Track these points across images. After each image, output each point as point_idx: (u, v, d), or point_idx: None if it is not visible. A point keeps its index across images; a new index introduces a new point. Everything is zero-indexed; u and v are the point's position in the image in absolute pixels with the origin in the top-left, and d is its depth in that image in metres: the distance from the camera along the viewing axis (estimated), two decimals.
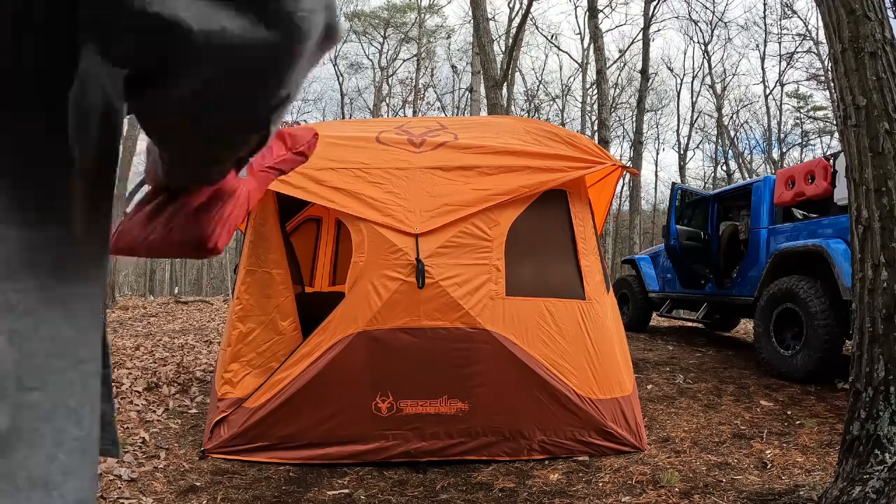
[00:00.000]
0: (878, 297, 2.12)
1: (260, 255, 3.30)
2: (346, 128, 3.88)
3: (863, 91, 2.17)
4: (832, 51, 2.30)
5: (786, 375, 4.66)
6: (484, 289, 3.02)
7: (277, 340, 3.23)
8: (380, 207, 3.07)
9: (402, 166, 3.19)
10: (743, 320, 7.81)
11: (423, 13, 26.03)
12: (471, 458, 3.02)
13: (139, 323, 9.32)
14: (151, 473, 2.87)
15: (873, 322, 2.13)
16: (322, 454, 3.00)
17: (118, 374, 4.74)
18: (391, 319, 2.97)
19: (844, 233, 4.32)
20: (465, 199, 3.10)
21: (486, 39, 8.64)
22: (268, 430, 3.02)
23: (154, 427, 3.55)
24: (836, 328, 4.35)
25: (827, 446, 3.22)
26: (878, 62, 2.17)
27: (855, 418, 2.16)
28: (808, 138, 26.00)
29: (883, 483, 1.95)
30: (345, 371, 2.96)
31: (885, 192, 2.12)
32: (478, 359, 2.98)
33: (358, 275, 3.01)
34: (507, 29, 21.62)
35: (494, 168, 3.18)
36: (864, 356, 2.16)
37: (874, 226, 2.14)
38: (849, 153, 2.26)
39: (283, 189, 3.15)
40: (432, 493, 2.71)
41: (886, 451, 2.04)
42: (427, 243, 3.01)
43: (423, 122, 3.85)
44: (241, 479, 2.83)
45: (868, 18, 2.19)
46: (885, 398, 2.08)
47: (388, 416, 2.98)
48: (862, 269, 2.19)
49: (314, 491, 2.74)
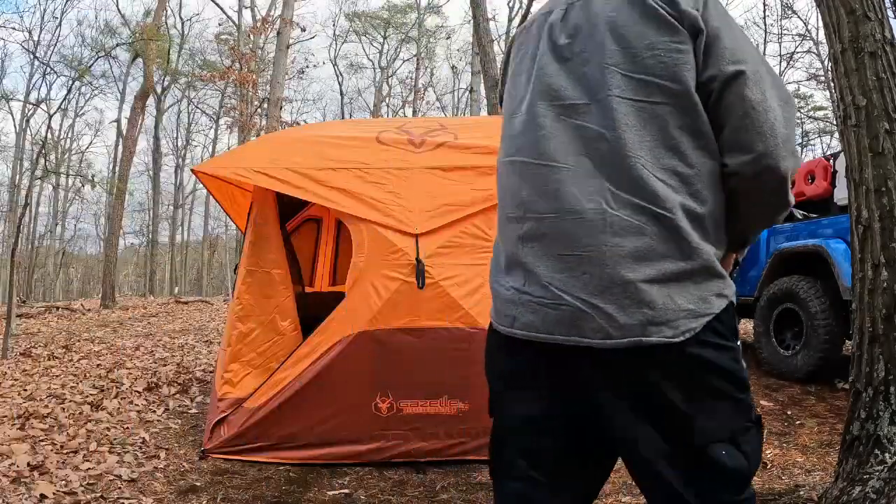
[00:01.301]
0: (878, 297, 2.12)
1: (260, 255, 3.30)
2: (345, 128, 3.88)
3: (863, 91, 2.17)
4: (832, 51, 2.30)
5: (786, 375, 4.65)
6: (484, 289, 3.02)
7: (277, 340, 3.23)
8: (380, 207, 3.07)
9: (403, 166, 3.19)
10: (743, 320, 7.80)
11: (423, 13, 26.03)
12: (471, 458, 3.02)
13: (139, 323, 9.32)
14: (151, 473, 2.87)
15: (873, 322, 2.13)
16: (322, 454, 3.00)
17: (118, 375, 4.74)
18: (391, 320, 2.96)
19: (844, 233, 4.32)
20: (466, 200, 3.09)
21: (486, 39, 8.65)
22: (268, 430, 3.02)
23: (154, 427, 3.55)
24: (836, 328, 4.35)
25: (827, 446, 3.22)
26: (878, 62, 2.16)
27: (855, 418, 2.16)
28: (808, 138, 26.01)
29: (883, 483, 1.95)
30: (345, 371, 2.96)
31: (885, 192, 2.11)
32: (478, 359, 2.95)
33: (358, 275, 3.01)
34: (507, 29, 21.62)
35: (494, 168, 3.17)
36: (864, 356, 2.16)
37: (874, 226, 2.13)
38: (849, 153, 2.26)
39: (283, 189, 3.15)
40: (432, 493, 2.71)
41: (886, 451, 2.04)
42: (427, 243, 3.01)
43: (424, 122, 3.86)
44: (241, 479, 2.83)
45: (868, 18, 2.19)
46: (885, 398, 2.08)
47: (387, 416, 2.98)
48: (862, 269, 2.18)
49: (314, 491, 2.74)
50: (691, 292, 1.03)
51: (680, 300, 1.02)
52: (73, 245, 31.69)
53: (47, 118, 19.18)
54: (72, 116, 25.78)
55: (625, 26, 1.09)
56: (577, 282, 1.05)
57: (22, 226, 15.53)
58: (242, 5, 19.69)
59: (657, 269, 1.02)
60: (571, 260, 1.06)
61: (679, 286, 1.02)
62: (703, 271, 1.04)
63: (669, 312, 1.01)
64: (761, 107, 1.04)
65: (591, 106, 1.10)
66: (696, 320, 1.02)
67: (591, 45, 1.12)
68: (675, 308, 1.01)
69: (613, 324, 1.01)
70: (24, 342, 6.84)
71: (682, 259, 1.03)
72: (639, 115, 1.06)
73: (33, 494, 2.45)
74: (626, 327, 1.01)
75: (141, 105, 14.84)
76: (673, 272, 1.02)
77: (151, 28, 14.85)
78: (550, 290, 1.07)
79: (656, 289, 1.01)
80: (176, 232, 29.34)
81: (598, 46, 1.11)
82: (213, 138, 27.84)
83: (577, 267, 1.05)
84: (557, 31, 1.18)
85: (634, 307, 1.01)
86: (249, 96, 15.94)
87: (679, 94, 1.05)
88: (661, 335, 1.00)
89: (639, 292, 1.01)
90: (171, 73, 22.04)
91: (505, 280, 1.19)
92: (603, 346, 1.02)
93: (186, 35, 24.71)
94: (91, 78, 19.25)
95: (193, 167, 3.56)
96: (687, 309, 1.02)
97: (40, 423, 3.36)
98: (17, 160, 21.85)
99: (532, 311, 1.10)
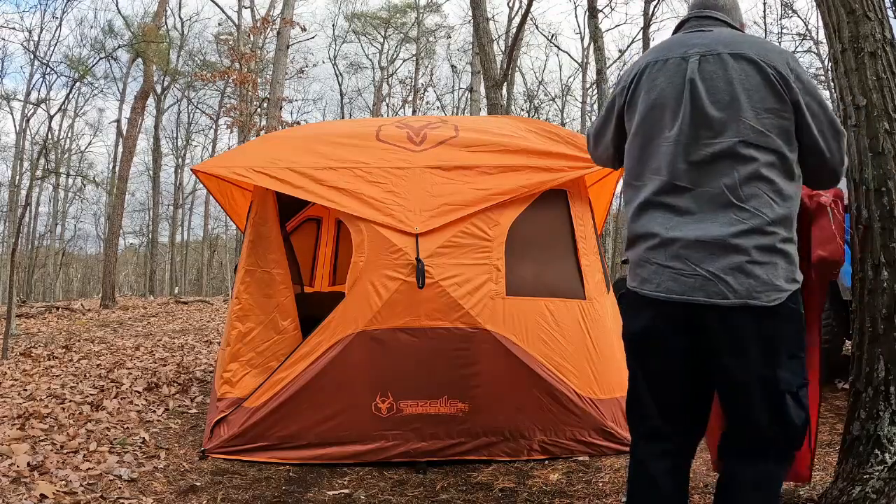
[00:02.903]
0: (878, 297, 2.11)
1: (260, 254, 3.30)
2: (345, 127, 3.88)
3: (863, 91, 2.17)
4: (832, 51, 2.30)
5: None
6: (484, 289, 3.02)
7: (277, 340, 3.23)
8: (380, 207, 3.07)
9: (403, 165, 3.19)
10: None
11: (422, 13, 26.02)
12: (471, 458, 3.02)
13: (139, 323, 9.33)
14: (151, 473, 2.87)
15: (873, 322, 2.13)
16: (322, 454, 3.00)
17: (118, 375, 4.74)
18: (391, 319, 2.96)
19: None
20: (466, 199, 3.09)
21: (486, 39, 8.64)
22: (268, 430, 3.01)
23: (154, 427, 3.55)
24: (836, 328, 4.35)
25: (827, 446, 3.22)
26: (878, 62, 2.16)
27: (855, 418, 2.16)
28: None
29: (883, 483, 1.95)
30: (344, 371, 2.96)
31: (885, 192, 2.11)
32: (478, 359, 2.98)
33: (358, 275, 3.01)
34: (506, 29, 21.59)
35: (494, 167, 3.18)
36: (864, 356, 2.16)
37: (874, 226, 2.13)
38: (849, 153, 2.26)
39: (282, 189, 3.15)
40: (432, 494, 2.71)
41: (886, 451, 2.04)
42: (427, 243, 3.01)
43: (423, 118, 3.86)
44: (241, 479, 2.83)
45: (868, 18, 2.18)
46: (885, 398, 2.08)
47: (387, 416, 2.98)
48: (862, 269, 2.18)
49: (314, 491, 2.74)
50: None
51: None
52: (73, 245, 31.66)
53: (47, 118, 19.18)
54: (72, 116, 25.77)
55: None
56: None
57: (22, 226, 15.52)
58: (242, 5, 19.64)
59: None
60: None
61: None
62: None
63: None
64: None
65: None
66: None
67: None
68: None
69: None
70: (24, 342, 6.84)
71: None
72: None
73: (33, 494, 2.45)
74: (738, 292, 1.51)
75: (141, 105, 14.84)
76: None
77: (152, 29, 14.84)
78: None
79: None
80: (176, 232, 29.31)
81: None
82: (213, 138, 27.80)
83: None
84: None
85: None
86: (249, 96, 15.92)
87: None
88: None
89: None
90: (171, 73, 22.02)
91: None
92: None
93: (186, 35, 24.69)
94: (92, 78, 19.22)
95: (193, 167, 3.56)
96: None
97: (40, 423, 3.36)
98: (17, 160, 21.82)
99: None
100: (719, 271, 1.49)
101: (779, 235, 1.52)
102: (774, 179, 1.53)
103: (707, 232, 1.52)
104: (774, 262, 1.50)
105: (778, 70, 1.55)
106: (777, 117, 1.54)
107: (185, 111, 28.33)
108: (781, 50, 1.66)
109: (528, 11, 9.44)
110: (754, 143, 1.53)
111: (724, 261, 1.50)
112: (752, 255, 1.49)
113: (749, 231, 1.50)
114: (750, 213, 1.51)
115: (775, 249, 1.51)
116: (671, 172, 1.60)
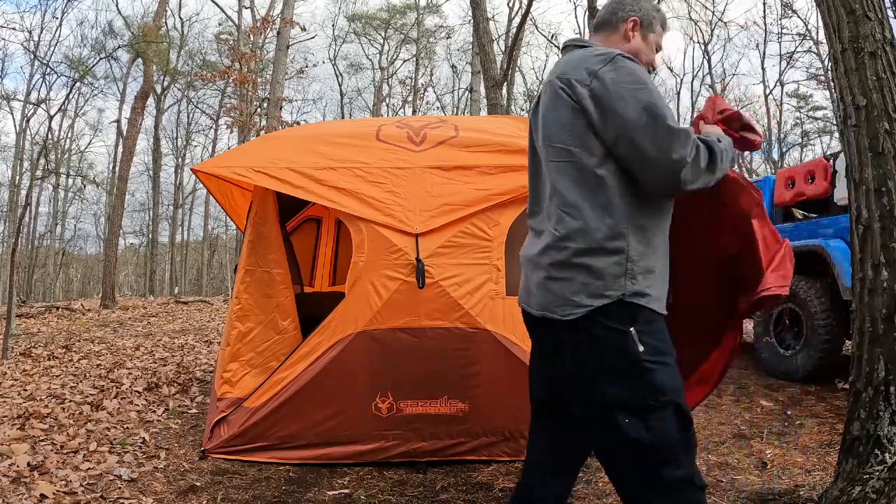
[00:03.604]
0: (878, 297, 2.12)
1: (259, 254, 3.30)
2: (345, 127, 3.87)
3: (863, 91, 2.17)
4: (832, 51, 2.30)
5: (786, 375, 4.65)
6: (484, 288, 3.02)
7: (277, 340, 3.23)
8: (380, 207, 3.07)
9: (403, 165, 3.18)
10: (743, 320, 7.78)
11: (422, 13, 26.01)
12: (471, 458, 3.02)
13: (139, 323, 9.32)
14: (151, 473, 2.87)
15: (873, 322, 2.13)
16: (322, 454, 3.00)
17: (118, 375, 4.74)
18: (391, 319, 2.96)
19: (844, 233, 4.32)
20: (466, 199, 3.09)
21: (486, 39, 8.64)
22: (268, 430, 3.01)
23: (154, 427, 3.55)
24: (836, 328, 4.35)
25: (827, 446, 3.22)
26: (878, 62, 2.16)
27: (855, 418, 2.16)
28: (808, 138, 26.01)
29: (883, 483, 1.95)
30: (344, 371, 2.96)
31: (885, 192, 2.11)
32: (478, 359, 2.98)
33: (358, 275, 3.01)
34: (506, 29, 21.59)
35: (494, 168, 3.18)
36: (864, 356, 2.16)
37: (874, 226, 2.13)
38: (849, 153, 2.26)
39: (282, 188, 3.15)
40: (432, 493, 2.71)
41: (886, 451, 2.04)
42: (427, 243, 3.01)
43: (423, 118, 3.85)
44: (241, 479, 2.83)
45: (868, 18, 2.19)
46: (885, 398, 2.08)
47: (387, 416, 2.98)
48: (862, 269, 2.18)
49: (314, 491, 2.74)
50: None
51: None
52: (73, 245, 31.66)
53: (47, 118, 19.17)
54: (72, 116, 25.77)
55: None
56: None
57: (22, 226, 15.52)
58: (242, 5, 19.64)
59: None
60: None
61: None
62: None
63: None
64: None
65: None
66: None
67: None
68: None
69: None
70: (24, 342, 6.84)
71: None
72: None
73: (33, 494, 2.45)
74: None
75: (141, 105, 14.83)
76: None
77: (152, 29, 14.84)
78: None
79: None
80: (176, 232, 29.30)
81: None
82: (213, 138, 27.80)
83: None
84: None
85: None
86: (249, 96, 15.91)
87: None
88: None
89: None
90: (171, 73, 22.02)
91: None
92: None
93: (186, 35, 24.69)
94: (92, 78, 19.21)
95: (193, 166, 3.56)
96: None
97: (40, 423, 3.36)
98: (18, 160, 21.82)
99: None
100: (533, 286, 1.61)
101: (570, 249, 1.49)
102: (563, 192, 1.53)
103: (530, 251, 1.66)
104: (571, 276, 1.49)
105: (570, 81, 1.52)
106: (570, 129, 1.53)
107: (185, 111, 28.34)
108: (587, 57, 1.55)
109: (528, 11, 9.43)
110: (553, 159, 1.58)
111: (535, 276, 1.61)
112: (549, 271, 1.54)
113: (545, 249, 1.56)
114: (548, 232, 1.57)
115: (571, 264, 1.50)
116: (531, 198, 1.75)
